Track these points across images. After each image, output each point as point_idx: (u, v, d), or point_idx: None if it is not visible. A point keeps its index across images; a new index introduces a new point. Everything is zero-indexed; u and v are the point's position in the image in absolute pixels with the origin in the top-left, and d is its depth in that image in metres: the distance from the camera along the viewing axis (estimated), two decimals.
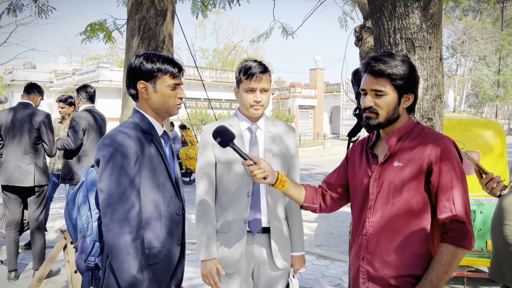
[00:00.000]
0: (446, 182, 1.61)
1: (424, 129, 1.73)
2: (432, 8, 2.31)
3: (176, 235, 1.82)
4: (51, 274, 4.31)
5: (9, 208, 4.25)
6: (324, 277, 4.54)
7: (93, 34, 5.41)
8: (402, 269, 1.66)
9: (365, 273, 1.73)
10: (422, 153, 1.65)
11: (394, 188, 1.67)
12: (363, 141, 1.90)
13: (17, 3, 6.33)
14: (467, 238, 1.59)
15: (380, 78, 1.66)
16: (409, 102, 1.71)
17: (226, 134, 1.81)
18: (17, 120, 4.14)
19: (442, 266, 1.59)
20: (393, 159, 1.70)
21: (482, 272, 4.25)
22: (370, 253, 1.72)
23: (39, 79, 31.92)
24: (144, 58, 1.76)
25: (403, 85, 1.66)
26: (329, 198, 1.97)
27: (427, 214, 1.66)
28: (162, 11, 3.63)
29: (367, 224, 1.73)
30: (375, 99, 1.68)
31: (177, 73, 1.78)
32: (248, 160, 1.80)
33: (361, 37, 4.61)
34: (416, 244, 1.65)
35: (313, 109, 36.41)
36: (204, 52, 50.40)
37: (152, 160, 1.73)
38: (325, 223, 7.28)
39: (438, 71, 2.36)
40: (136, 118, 1.78)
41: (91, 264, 1.74)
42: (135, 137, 1.69)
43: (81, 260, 1.78)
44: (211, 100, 27.68)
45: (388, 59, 1.66)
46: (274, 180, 1.85)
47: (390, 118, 1.70)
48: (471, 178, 4.03)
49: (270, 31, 7.91)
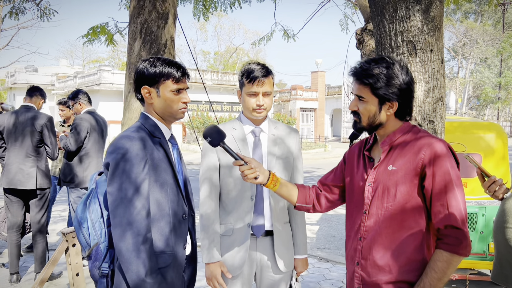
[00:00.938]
0: (440, 186, 1.58)
1: (419, 133, 1.70)
2: (433, 11, 2.31)
3: (182, 239, 1.81)
4: (52, 277, 4.31)
5: (11, 211, 4.25)
6: (326, 280, 4.53)
7: (95, 37, 5.43)
8: (397, 275, 1.63)
9: (360, 278, 1.71)
10: (416, 157, 1.62)
11: (388, 192, 1.65)
12: (361, 143, 1.89)
13: (19, 7, 6.36)
14: (463, 245, 1.55)
15: (362, 85, 1.67)
16: (394, 109, 1.67)
17: (217, 134, 1.79)
18: (19, 123, 4.15)
19: (436, 273, 1.56)
20: (387, 163, 1.68)
21: (484, 275, 4.24)
22: (364, 258, 1.69)
23: (41, 82, 31.97)
24: (148, 63, 1.77)
25: (384, 94, 1.64)
26: (324, 199, 1.95)
27: (422, 219, 1.63)
28: (164, 14, 3.64)
29: (362, 228, 1.71)
30: (358, 104, 1.70)
31: (180, 77, 1.77)
32: (239, 160, 1.79)
33: (362, 39, 4.62)
34: (410, 249, 1.63)
35: (314, 112, 36.40)
36: (205, 55, 50.51)
37: (160, 163, 1.73)
38: (326, 226, 7.27)
39: (440, 73, 2.36)
40: (143, 121, 1.79)
41: (105, 270, 1.73)
42: (143, 141, 1.69)
43: (95, 268, 1.77)
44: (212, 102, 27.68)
45: (371, 67, 1.65)
46: (265, 180, 1.83)
47: (371, 124, 1.70)
48: (473, 180, 4.05)
49: (271, 33, 7.93)
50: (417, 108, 2.34)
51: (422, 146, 1.62)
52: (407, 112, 1.71)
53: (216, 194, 2.20)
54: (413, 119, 2.36)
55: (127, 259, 1.58)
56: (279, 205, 2.20)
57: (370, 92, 1.65)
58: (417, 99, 2.34)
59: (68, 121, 5.47)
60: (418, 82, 2.33)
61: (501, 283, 2.11)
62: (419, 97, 2.34)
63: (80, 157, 4.59)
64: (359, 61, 1.73)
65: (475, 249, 4.02)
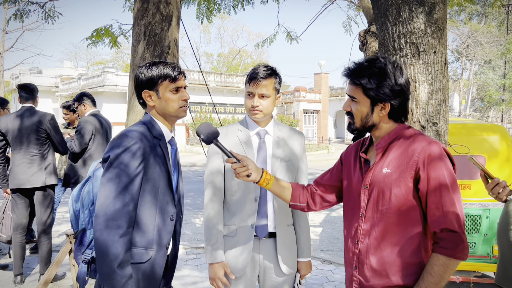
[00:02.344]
0: (435, 189, 1.54)
1: (414, 134, 1.65)
2: (436, 13, 2.31)
3: (166, 239, 1.86)
4: (56, 278, 4.32)
5: (16, 212, 4.28)
6: (329, 282, 4.52)
7: (98, 39, 5.46)
8: (394, 279, 1.61)
9: (358, 282, 1.70)
10: (410, 159, 1.59)
11: (383, 196, 1.62)
12: (357, 144, 1.86)
13: (24, 9, 6.40)
14: (459, 248, 1.52)
15: (354, 85, 1.66)
16: (386, 111, 1.64)
17: (210, 131, 1.79)
18: (23, 124, 4.17)
19: (432, 277, 1.53)
20: (382, 166, 1.65)
21: (488, 278, 4.22)
22: (361, 262, 1.68)
23: (45, 83, 32.17)
24: (144, 68, 1.85)
25: (375, 95, 1.62)
26: (319, 198, 1.94)
27: (418, 223, 1.60)
28: (168, 17, 3.66)
29: (359, 232, 1.69)
30: (351, 104, 1.69)
31: (177, 76, 1.83)
32: (232, 158, 1.79)
33: (365, 41, 4.62)
34: (407, 253, 1.60)
35: (317, 113, 36.39)
36: (208, 56, 50.62)
37: (156, 164, 1.79)
38: (330, 228, 7.26)
39: (443, 75, 2.36)
40: (146, 122, 1.85)
41: (87, 257, 1.83)
42: (143, 140, 1.76)
43: (79, 252, 1.87)
44: (215, 104, 27.73)
45: (364, 68, 1.63)
46: (258, 178, 1.82)
47: (364, 125, 1.68)
48: (477, 182, 4.04)
49: (274, 35, 7.94)
50: (420, 110, 2.34)
51: (417, 148, 1.59)
52: (402, 113, 1.68)
53: (219, 197, 2.21)
54: (416, 121, 2.36)
55: (102, 249, 1.63)
56: (283, 208, 2.21)
57: (362, 92, 1.64)
58: (420, 101, 2.33)
59: (73, 124, 5.50)
60: (421, 84, 2.33)
61: (506, 286, 2.10)
62: (423, 99, 2.33)
63: (84, 159, 4.61)
64: (353, 62, 1.71)
65: (479, 251, 4.00)
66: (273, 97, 2.19)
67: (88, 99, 4.81)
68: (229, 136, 2.22)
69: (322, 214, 8.39)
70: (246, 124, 2.26)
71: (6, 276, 4.51)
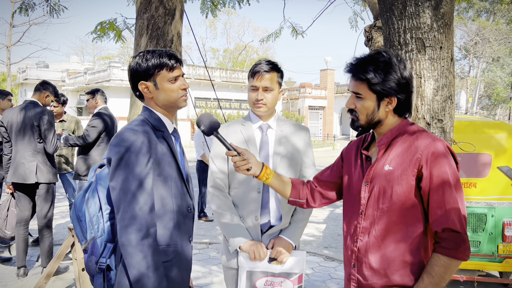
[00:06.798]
0: (437, 188, 1.50)
1: (417, 131, 1.62)
2: (443, 7, 2.27)
3: (187, 232, 1.80)
4: (59, 272, 4.35)
5: (19, 206, 4.31)
6: (332, 279, 4.50)
7: (103, 33, 5.43)
8: (392, 278, 1.58)
9: (356, 281, 1.67)
10: (413, 157, 1.55)
11: (384, 193, 1.59)
12: (358, 141, 1.83)
13: (29, 2, 6.39)
14: (461, 249, 1.48)
15: (358, 81, 1.61)
16: (392, 105, 1.61)
17: (211, 122, 1.75)
18: (24, 119, 4.18)
19: (432, 278, 1.50)
20: (384, 163, 1.61)
21: (493, 277, 4.18)
22: (360, 260, 1.65)
23: (51, 78, 32.30)
24: (139, 58, 1.75)
25: (381, 89, 1.57)
26: (318, 195, 1.91)
27: (419, 222, 1.57)
28: (171, 10, 3.63)
29: (358, 230, 1.66)
30: (355, 102, 1.64)
31: (174, 65, 1.75)
32: (232, 151, 1.76)
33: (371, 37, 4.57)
34: (407, 252, 1.56)
35: (323, 110, 36.29)
36: (214, 52, 50.57)
37: (164, 157, 1.71)
38: (333, 225, 7.23)
39: (449, 71, 2.32)
40: (146, 115, 1.77)
41: (102, 265, 1.71)
42: (147, 134, 1.67)
43: (91, 263, 1.74)
44: (220, 100, 27.70)
45: (368, 63, 1.59)
46: (257, 172, 1.79)
47: (370, 122, 1.64)
48: (483, 181, 3.99)
49: (279, 30, 7.89)
50: (425, 106, 2.30)
51: (420, 146, 1.55)
52: (407, 108, 1.65)
53: (223, 190, 2.21)
54: (421, 118, 2.32)
55: (129, 253, 1.56)
56: (286, 203, 2.19)
57: (367, 88, 1.59)
58: (425, 97, 2.29)
59: (59, 117, 5.46)
60: (427, 80, 2.28)
61: None
62: (428, 95, 2.29)
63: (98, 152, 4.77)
64: (354, 57, 1.66)
65: (484, 250, 3.96)
66: (277, 91, 2.19)
67: (102, 95, 4.98)
68: (231, 129, 2.21)
69: (326, 210, 8.37)
70: (250, 118, 2.26)
71: (9, 269, 4.53)
